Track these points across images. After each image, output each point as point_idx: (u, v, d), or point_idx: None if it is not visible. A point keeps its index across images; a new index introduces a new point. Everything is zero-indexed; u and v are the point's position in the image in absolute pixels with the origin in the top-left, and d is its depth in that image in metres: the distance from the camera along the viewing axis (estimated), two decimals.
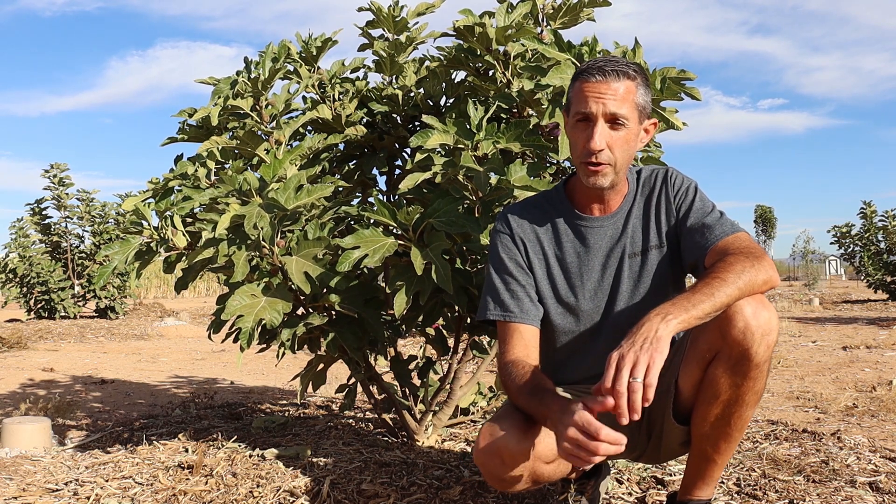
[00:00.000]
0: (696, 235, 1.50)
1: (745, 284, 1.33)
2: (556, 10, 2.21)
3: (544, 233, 1.61)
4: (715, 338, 1.37)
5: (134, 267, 2.21)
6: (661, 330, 1.25)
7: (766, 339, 1.35)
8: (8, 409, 3.63)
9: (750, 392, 1.40)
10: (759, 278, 1.36)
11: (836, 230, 12.99)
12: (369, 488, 1.87)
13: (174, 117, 2.36)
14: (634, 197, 1.59)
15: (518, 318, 1.57)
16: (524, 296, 1.58)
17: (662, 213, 1.57)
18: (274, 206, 1.94)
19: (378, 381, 2.41)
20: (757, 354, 1.35)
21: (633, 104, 1.47)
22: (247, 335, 1.91)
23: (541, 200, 1.65)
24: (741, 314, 1.34)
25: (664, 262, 1.56)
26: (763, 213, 23.41)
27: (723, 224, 1.49)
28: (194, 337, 8.16)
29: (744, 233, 1.48)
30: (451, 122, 2.00)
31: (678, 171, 1.61)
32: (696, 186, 1.57)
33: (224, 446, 2.24)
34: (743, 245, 1.42)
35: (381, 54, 2.47)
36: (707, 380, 1.42)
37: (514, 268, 1.59)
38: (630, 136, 1.48)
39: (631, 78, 1.47)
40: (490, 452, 1.42)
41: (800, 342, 6.31)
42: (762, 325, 1.34)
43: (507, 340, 1.57)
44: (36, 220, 10.32)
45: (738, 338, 1.34)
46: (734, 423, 1.44)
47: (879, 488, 1.92)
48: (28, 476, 2.17)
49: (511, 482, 1.44)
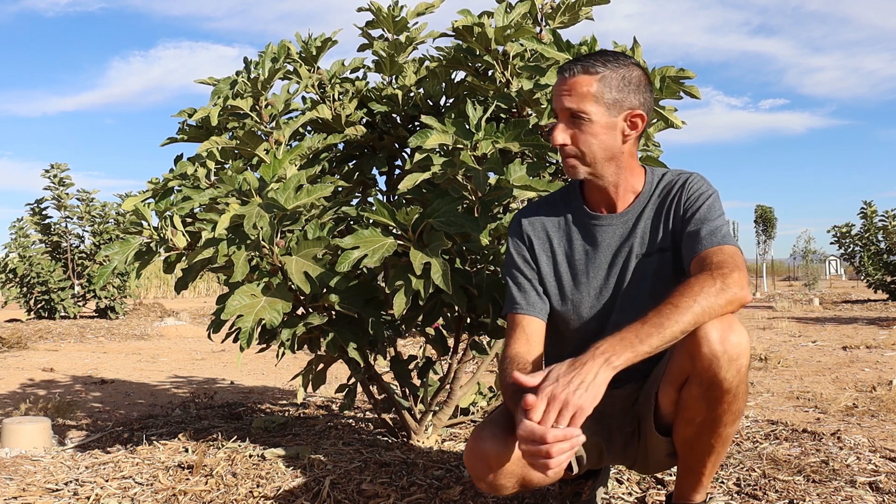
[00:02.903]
0: (687, 242, 1.48)
1: (702, 310, 1.28)
2: (554, 9, 2.20)
3: (555, 230, 1.62)
4: (684, 360, 1.35)
5: (134, 267, 2.21)
6: (601, 375, 1.23)
7: (735, 365, 1.31)
8: (8, 409, 3.63)
9: (727, 414, 1.37)
10: (721, 300, 1.30)
11: (836, 230, 12.99)
12: (369, 488, 1.87)
13: (174, 117, 2.37)
14: (650, 198, 1.57)
15: (524, 309, 1.57)
16: (531, 289, 1.59)
17: (672, 216, 1.54)
18: (273, 206, 1.94)
19: (378, 381, 2.41)
20: (726, 381, 1.31)
21: (593, 97, 1.47)
22: (247, 335, 1.91)
23: (557, 198, 1.67)
24: (707, 340, 1.29)
25: (671, 266, 1.54)
26: (763, 212, 23.37)
27: (713, 234, 1.44)
28: (194, 337, 8.16)
29: (729, 246, 1.41)
30: (450, 122, 2.00)
31: (703, 179, 1.56)
32: (709, 194, 1.52)
33: (224, 446, 2.24)
34: (717, 259, 1.37)
35: (381, 54, 2.47)
36: (682, 402, 1.40)
37: (521, 262, 1.61)
38: (596, 129, 1.48)
39: (591, 73, 1.48)
40: (476, 457, 1.40)
41: (800, 342, 6.31)
42: (729, 350, 1.30)
43: (510, 333, 1.57)
44: (36, 220, 10.32)
45: (706, 365, 1.31)
46: (715, 442, 1.42)
47: (879, 488, 1.92)
48: (28, 476, 2.17)
49: (499, 487, 1.42)
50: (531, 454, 1.22)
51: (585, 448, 1.56)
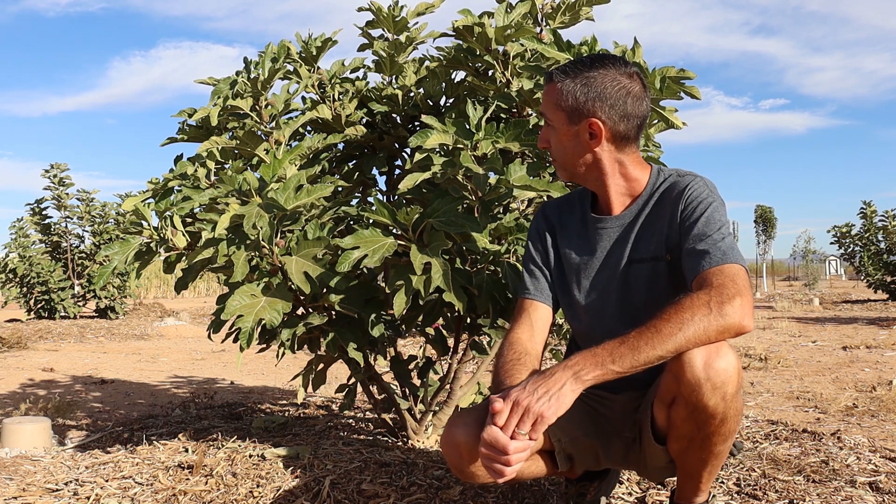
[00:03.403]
0: (688, 259, 1.40)
1: (686, 339, 1.24)
2: (555, 9, 2.20)
3: (568, 228, 1.63)
4: (670, 381, 1.32)
5: (134, 267, 2.21)
6: (567, 387, 1.23)
7: (721, 391, 1.28)
8: (8, 409, 3.63)
9: (716, 434, 1.35)
10: (711, 330, 1.24)
11: (836, 230, 12.99)
12: (369, 488, 1.87)
13: (174, 118, 2.37)
14: (647, 201, 1.53)
15: (532, 294, 1.59)
16: (542, 277, 1.62)
17: (666, 225, 1.48)
18: (273, 206, 1.94)
19: (378, 381, 2.41)
20: (710, 407, 1.29)
21: (555, 105, 1.50)
22: (246, 335, 1.91)
23: (575, 197, 1.68)
24: (690, 366, 1.27)
25: (662, 274, 1.50)
26: (763, 213, 23.39)
27: (714, 252, 1.36)
28: (194, 337, 8.16)
29: (732, 265, 1.33)
30: (450, 121, 2.00)
31: (705, 184, 1.49)
32: (708, 203, 1.44)
33: (224, 446, 2.24)
34: (718, 282, 1.30)
35: (381, 54, 2.47)
36: (671, 420, 1.38)
37: (536, 254, 1.64)
38: (559, 136, 1.52)
39: (554, 80, 1.50)
40: (449, 444, 1.41)
41: (800, 342, 6.31)
42: (713, 377, 1.26)
43: (515, 318, 1.59)
44: (36, 220, 10.32)
45: (689, 390, 1.29)
46: (708, 457, 1.41)
47: (879, 488, 1.92)
48: (28, 476, 2.17)
49: (473, 476, 1.42)
50: (489, 459, 1.23)
51: (577, 447, 1.56)
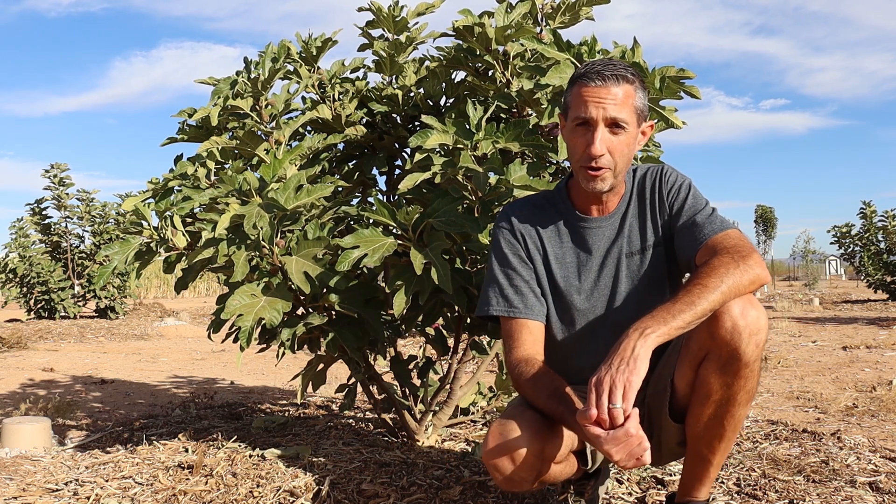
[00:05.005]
0: (687, 233, 1.51)
1: (728, 288, 1.33)
2: (555, 9, 2.20)
3: (544, 232, 1.61)
4: (704, 338, 1.38)
5: (134, 267, 2.21)
6: (639, 347, 1.26)
7: (755, 339, 1.35)
8: (8, 409, 3.63)
9: (741, 391, 1.40)
10: (745, 279, 1.35)
11: (836, 230, 12.98)
12: (369, 488, 1.87)
13: (174, 118, 2.37)
14: (630, 196, 1.60)
15: (523, 313, 1.57)
16: (528, 291, 1.58)
17: (657, 211, 1.58)
18: (273, 206, 1.94)
19: (378, 381, 2.41)
20: (745, 353, 1.35)
21: (633, 108, 1.48)
22: (246, 335, 1.91)
23: (541, 200, 1.66)
24: (728, 314, 1.34)
25: (660, 261, 1.57)
26: (764, 213, 23.41)
27: (713, 221, 1.49)
28: (194, 337, 8.16)
29: (734, 230, 1.47)
30: (450, 122, 2.00)
31: (673, 168, 1.61)
32: (689, 184, 1.57)
33: (224, 446, 2.24)
34: (731, 244, 1.42)
35: (381, 54, 2.47)
36: (699, 380, 1.42)
37: (516, 262, 1.59)
38: (629, 139, 1.49)
39: (630, 82, 1.48)
40: (500, 452, 1.41)
41: (800, 342, 6.31)
42: (750, 324, 1.34)
43: (514, 336, 1.56)
44: (36, 220, 10.31)
45: (727, 338, 1.34)
46: (727, 423, 1.44)
47: (879, 488, 1.92)
48: (28, 476, 2.17)
49: (520, 482, 1.43)
50: (621, 446, 1.24)
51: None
